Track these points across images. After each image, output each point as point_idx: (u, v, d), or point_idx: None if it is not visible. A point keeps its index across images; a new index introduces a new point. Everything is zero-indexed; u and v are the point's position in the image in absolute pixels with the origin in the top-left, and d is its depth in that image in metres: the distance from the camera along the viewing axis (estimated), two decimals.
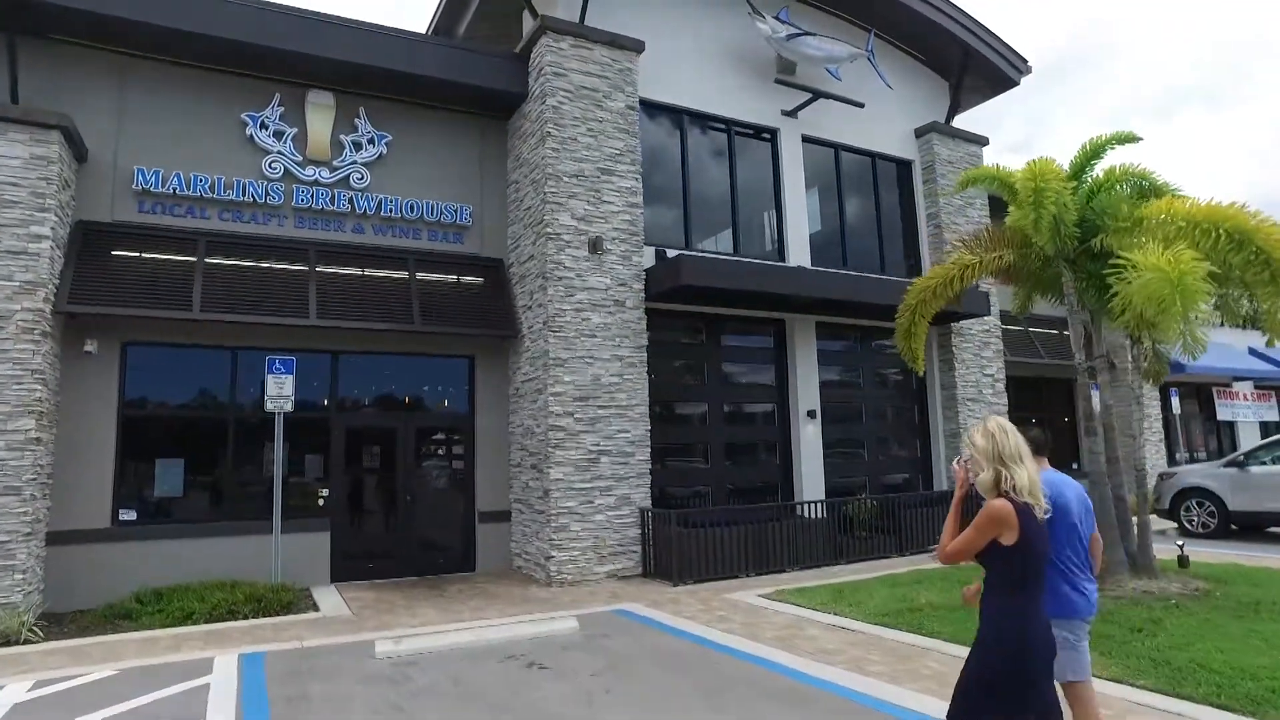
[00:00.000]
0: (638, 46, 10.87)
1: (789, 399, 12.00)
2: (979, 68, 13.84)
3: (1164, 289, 6.37)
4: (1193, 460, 18.34)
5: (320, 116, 10.27)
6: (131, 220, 9.24)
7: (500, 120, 11.43)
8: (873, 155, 13.51)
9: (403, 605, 8.49)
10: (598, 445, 9.86)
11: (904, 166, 13.85)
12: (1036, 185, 7.57)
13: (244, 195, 9.69)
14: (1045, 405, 16.79)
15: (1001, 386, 13.74)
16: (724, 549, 9.67)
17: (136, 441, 9.11)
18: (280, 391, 8.61)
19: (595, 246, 10.12)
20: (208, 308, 8.99)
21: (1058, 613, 3.36)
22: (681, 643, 6.66)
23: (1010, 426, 3.06)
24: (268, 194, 9.81)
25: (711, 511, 9.98)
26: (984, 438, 3.04)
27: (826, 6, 13.10)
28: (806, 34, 12.08)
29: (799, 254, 12.20)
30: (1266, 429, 20.21)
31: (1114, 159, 7.98)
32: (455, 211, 10.86)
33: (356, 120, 10.48)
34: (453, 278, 10.80)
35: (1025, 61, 13.92)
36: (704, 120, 11.94)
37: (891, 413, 13.27)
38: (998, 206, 14.40)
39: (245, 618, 7.73)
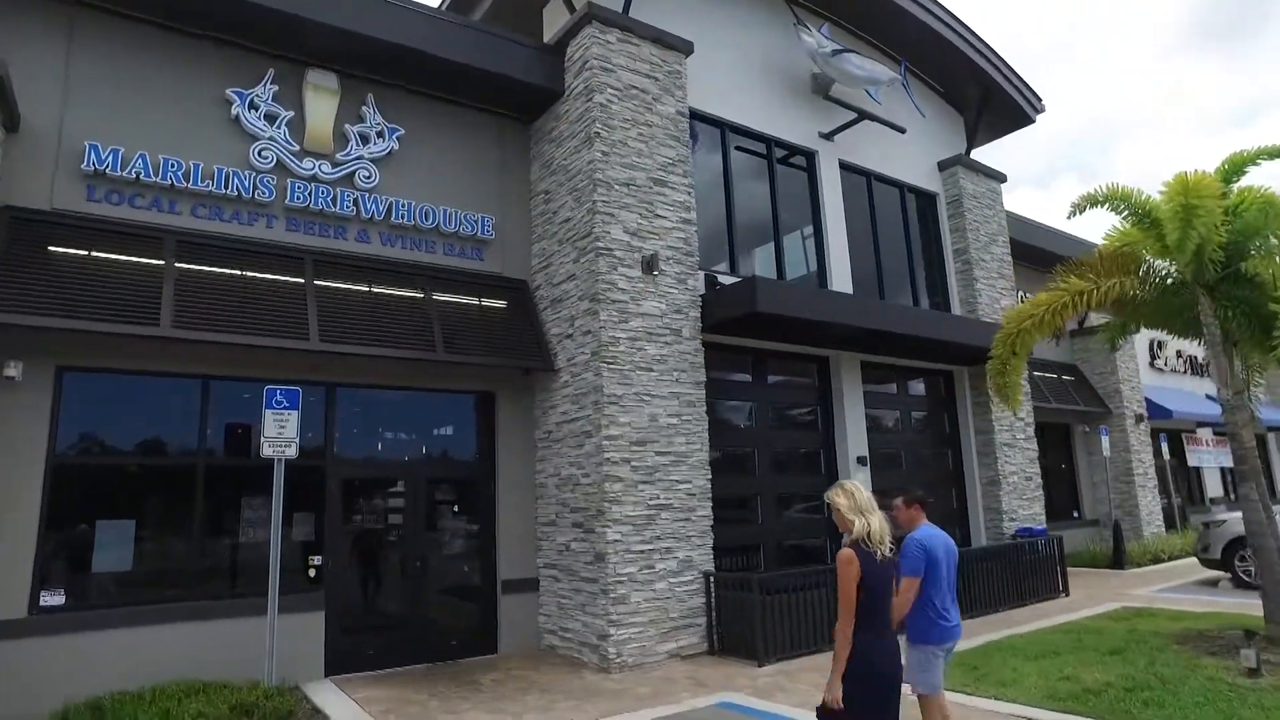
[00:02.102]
0: (686, 48, 9.76)
1: (836, 443, 10.86)
2: (998, 103, 13.55)
3: None
4: (1171, 506, 18.42)
5: (321, 100, 8.51)
6: (78, 210, 7.16)
7: (521, 123, 9.98)
8: (901, 186, 12.85)
9: (438, 707, 6.61)
10: (657, 499, 8.33)
11: (928, 199, 13.27)
12: (1187, 201, 6.83)
13: (226, 187, 7.78)
14: (1045, 450, 16.43)
15: (1031, 431, 13.14)
16: (806, 617, 8.28)
17: (71, 498, 6.90)
18: (282, 432, 6.67)
19: (650, 266, 8.74)
20: (182, 323, 6.99)
21: (926, 639, 4.32)
22: None
23: (861, 485, 3.76)
24: (256, 187, 7.94)
25: (791, 575, 8.59)
26: (845, 496, 3.71)
27: (856, 29, 12.48)
28: (850, 51, 11.34)
29: (842, 284, 11.23)
30: (1225, 474, 20.79)
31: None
32: (476, 223, 9.25)
33: (364, 108, 8.78)
34: (473, 300, 9.12)
35: (1040, 99, 13.76)
36: (745, 136, 10.89)
37: (928, 459, 12.35)
38: (1015, 249, 14.06)
39: None
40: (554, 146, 9.48)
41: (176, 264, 7.36)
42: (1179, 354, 19.94)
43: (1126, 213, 7.70)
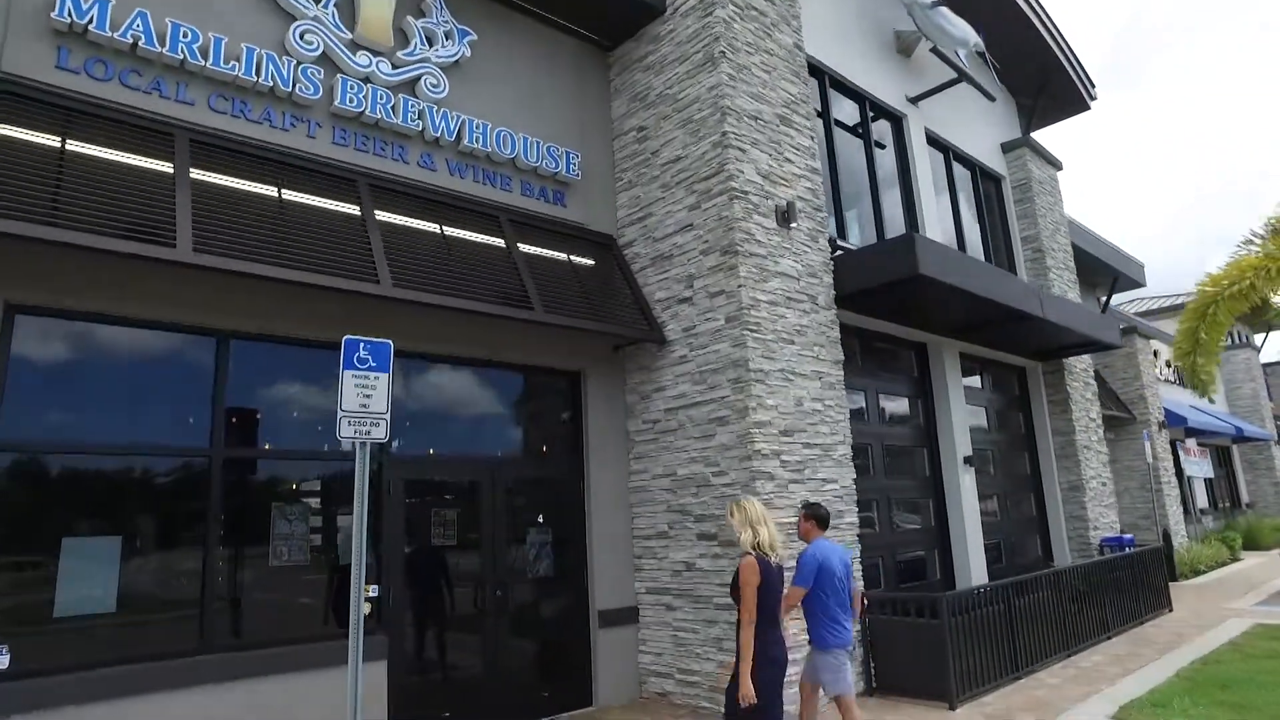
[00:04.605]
0: None
1: (938, 442, 9.51)
2: (1057, 86, 12.79)
3: None
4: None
5: None
6: (41, 79, 4.88)
7: (602, 49, 8.21)
8: (974, 165, 11.81)
9: None
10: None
11: (994, 182, 12.29)
12: None
13: (257, 75, 5.64)
14: None
15: (1102, 433, 12.26)
16: (994, 641, 6.80)
17: (22, 505, 4.57)
18: (367, 403, 4.56)
19: (787, 216, 7.13)
20: (207, 246, 4.81)
21: (828, 645, 4.77)
22: None
23: (755, 500, 4.47)
24: (296, 80, 5.82)
25: (977, 591, 7.05)
26: (739, 511, 4.36)
27: None
28: (944, 4, 10.19)
29: None
30: (1208, 485, 20.97)
31: None
32: (559, 158, 7.37)
33: (428, 1, 6.80)
34: (561, 254, 7.21)
35: (1094, 84, 13.13)
36: (842, 89, 9.50)
37: (1010, 462, 11.20)
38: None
39: None
40: (651, 74, 7.75)
41: (192, 170, 5.16)
42: (1168, 363, 19.98)
43: None
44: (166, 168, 5.07)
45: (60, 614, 4.57)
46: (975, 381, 10.86)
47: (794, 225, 7.20)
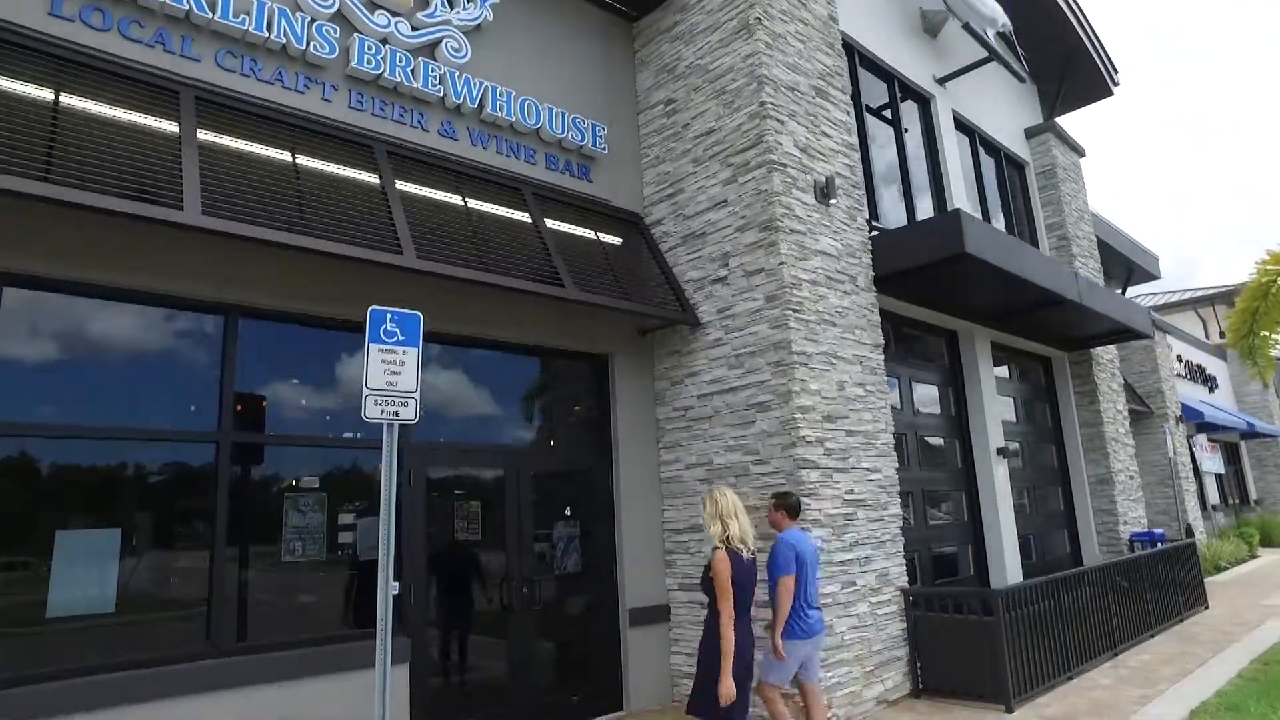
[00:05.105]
0: None
1: (970, 432, 9.15)
2: (1080, 70, 12.48)
3: None
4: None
5: None
6: (36, 28, 4.44)
7: (626, 19, 7.82)
8: (998, 150, 11.47)
9: None
10: (852, 493, 6.28)
11: (1017, 168, 11.97)
12: None
13: (268, 30, 5.21)
14: None
15: (1128, 425, 11.94)
16: (1048, 638, 6.45)
17: (12, 496, 4.14)
18: (395, 380, 4.13)
19: (826, 192, 6.75)
20: (217, 209, 4.38)
21: (792, 635, 4.69)
22: None
23: (729, 491, 4.50)
24: (310, 39, 5.40)
25: (1030, 586, 6.66)
26: (711, 503, 4.44)
27: None
28: None
29: None
30: (1219, 481, 20.75)
31: None
32: (585, 130, 6.98)
33: None
34: (589, 231, 6.81)
35: (1116, 70, 12.82)
36: (872, 68, 9.14)
37: (1037, 454, 10.86)
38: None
39: None
40: (681, 44, 7.36)
41: (199, 131, 4.72)
42: (1179, 358, 19.75)
43: None
44: (172, 127, 4.63)
45: (53, 614, 4.14)
46: (1003, 371, 10.52)
47: (833, 201, 6.82)
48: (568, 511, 6.48)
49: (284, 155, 5.10)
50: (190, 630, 4.51)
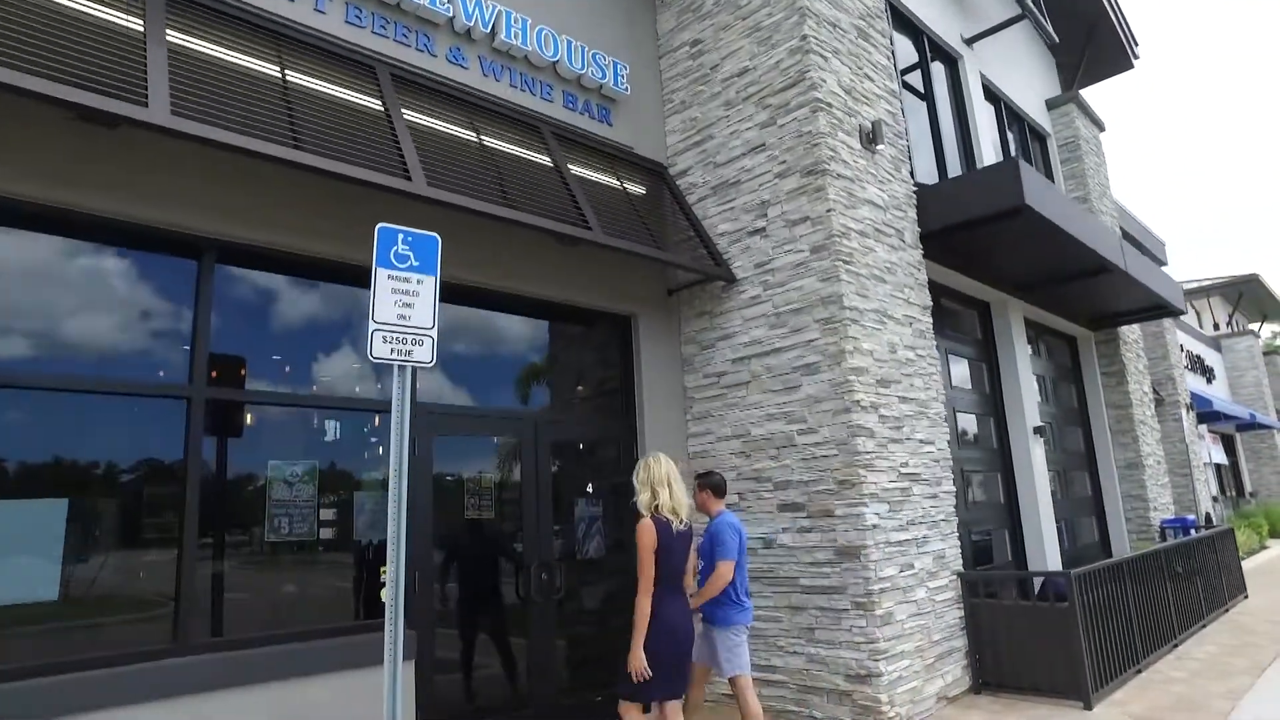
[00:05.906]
0: None
1: (1005, 410, 8.59)
2: (1101, 41, 12.03)
3: None
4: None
5: None
6: None
7: None
8: (1022, 120, 10.96)
9: None
10: (907, 466, 5.65)
11: (1040, 140, 11.47)
12: None
13: None
14: None
15: (1154, 408, 11.48)
16: (1107, 633, 5.84)
17: None
18: (408, 315, 3.43)
19: (873, 137, 6.14)
20: (186, 111, 3.64)
21: (730, 622, 4.38)
22: None
23: (664, 458, 4.09)
24: None
25: (1104, 567, 6.07)
26: (643, 469, 4.05)
27: None
28: None
29: None
30: (1219, 472, 20.51)
31: None
32: (606, 68, 6.30)
33: None
34: (613, 178, 6.12)
35: (1138, 43, 12.40)
36: (902, 22, 8.55)
37: (1066, 436, 10.35)
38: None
39: None
40: None
41: (169, 32, 3.97)
42: (1181, 348, 19.47)
43: None
44: (136, 24, 3.88)
45: None
46: (1030, 350, 9.98)
47: (879, 147, 6.21)
48: (589, 489, 5.78)
49: (272, 69, 4.35)
50: (154, 624, 3.76)
